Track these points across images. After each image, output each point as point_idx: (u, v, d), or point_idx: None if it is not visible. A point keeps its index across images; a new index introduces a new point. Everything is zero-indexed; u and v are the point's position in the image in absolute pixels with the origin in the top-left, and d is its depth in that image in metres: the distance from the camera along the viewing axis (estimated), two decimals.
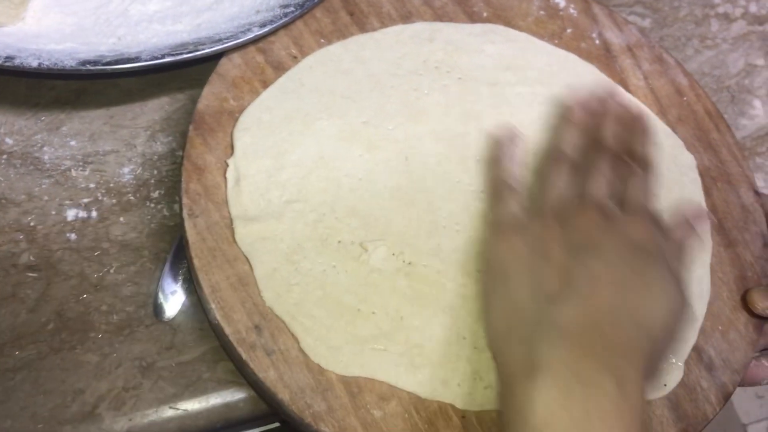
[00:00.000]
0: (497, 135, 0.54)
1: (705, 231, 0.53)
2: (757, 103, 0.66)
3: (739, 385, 0.50)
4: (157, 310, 0.49)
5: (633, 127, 0.54)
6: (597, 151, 0.51)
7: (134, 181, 0.54)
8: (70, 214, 0.52)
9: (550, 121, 0.55)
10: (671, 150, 0.57)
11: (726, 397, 0.48)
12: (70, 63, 0.49)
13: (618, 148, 0.51)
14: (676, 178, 0.55)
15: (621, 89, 0.59)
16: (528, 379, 0.39)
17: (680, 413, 0.47)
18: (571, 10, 0.62)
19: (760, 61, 0.69)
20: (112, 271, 0.50)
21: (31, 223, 0.51)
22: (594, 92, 0.56)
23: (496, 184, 0.51)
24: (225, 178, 0.49)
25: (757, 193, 0.56)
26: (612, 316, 0.41)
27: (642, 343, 0.41)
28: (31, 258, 0.50)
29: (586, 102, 0.55)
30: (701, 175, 0.56)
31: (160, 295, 0.49)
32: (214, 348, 0.49)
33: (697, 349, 0.49)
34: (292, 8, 0.55)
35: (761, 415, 0.48)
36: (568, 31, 0.61)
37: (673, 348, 0.45)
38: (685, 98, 0.60)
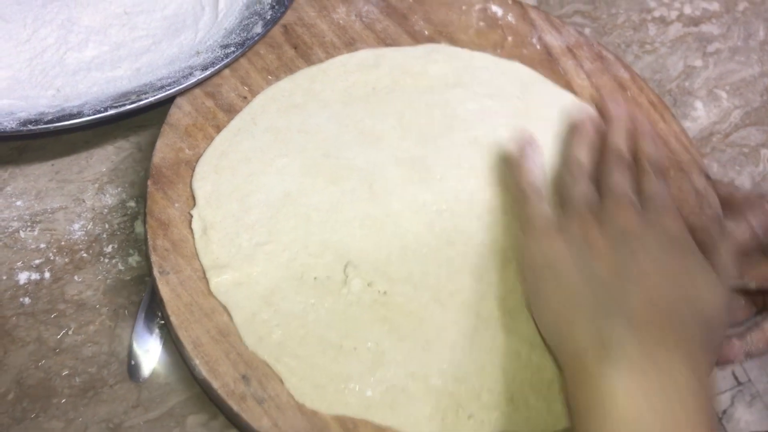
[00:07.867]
0: (516, 140, 0.54)
1: None
2: (698, 104, 0.68)
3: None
4: (132, 370, 0.47)
5: (641, 135, 0.54)
6: (609, 159, 0.52)
7: (86, 237, 0.52)
8: (22, 277, 0.50)
9: (563, 136, 0.56)
10: None
11: None
12: (10, 124, 0.47)
13: (629, 155, 0.52)
14: None
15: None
16: (601, 365, 0.39)
17: None
18: (510, 18, 0.63)
19: (698, 62, 0.71)
20: (70, 332, 0.48)
21: None
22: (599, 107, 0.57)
23: (523, 188, 0.51)
24: (191, 229, 0.48)
25: (708, 177, 0.58)
26: (674, 305, 0.42)
27: (704, 331, 0.42)
28: None
29: (592, 119, 0.56)
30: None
31: (134, 355, 0.47)
32: (182, 402, 0.47)
33: None
34: (232, 48, 0.54)
35: (722, 387, 0.50)
36: (509, 39, 0.62)
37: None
38: (629, 92, 0.61)
